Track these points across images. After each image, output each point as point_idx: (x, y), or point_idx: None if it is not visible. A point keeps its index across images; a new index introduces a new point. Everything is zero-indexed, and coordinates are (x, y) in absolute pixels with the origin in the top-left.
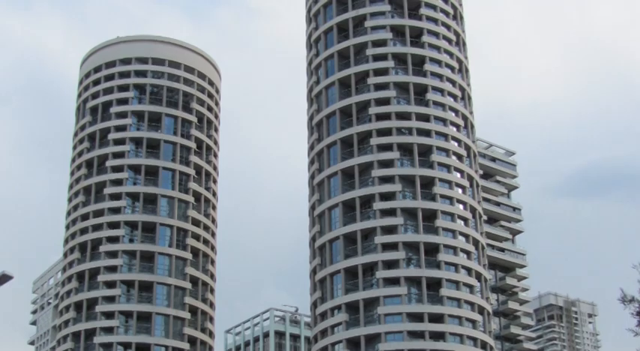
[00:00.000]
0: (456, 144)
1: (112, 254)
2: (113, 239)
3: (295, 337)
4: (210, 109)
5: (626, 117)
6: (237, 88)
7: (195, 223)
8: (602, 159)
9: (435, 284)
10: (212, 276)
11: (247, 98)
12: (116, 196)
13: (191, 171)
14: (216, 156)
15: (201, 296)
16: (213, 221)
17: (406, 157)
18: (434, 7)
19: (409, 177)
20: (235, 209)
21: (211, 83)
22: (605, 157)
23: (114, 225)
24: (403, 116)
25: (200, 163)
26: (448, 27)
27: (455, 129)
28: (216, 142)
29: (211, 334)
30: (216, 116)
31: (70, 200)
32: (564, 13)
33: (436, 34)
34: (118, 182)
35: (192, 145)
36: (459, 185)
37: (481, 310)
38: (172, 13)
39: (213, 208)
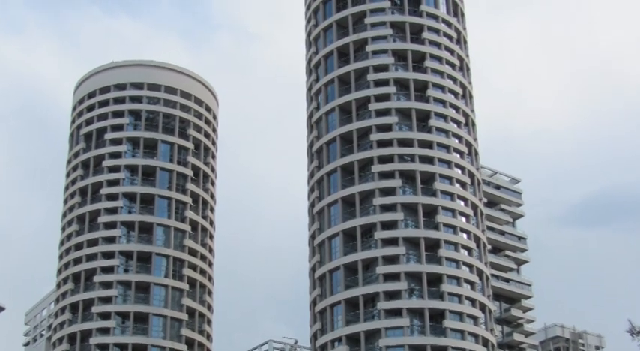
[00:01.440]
0: (459, 171)
1: (107, 285)
2: (108, 269)
3: None
4: (207, 135)
5: (634, 145)
6: (235, 114)
7: (192, 252)
8: (609, 187)
9: (438, 315)
10: (209, 307)
11: (245, 124)
12: (111, 225)
13: (188, 199)
14: (213, 184)
15: (198, 328)
16: (211, 251)
17: (408, 184)
18: (437, 31)
19: (411, 205)
20: (233, 238)
21: (208, 109)
22: (612, 185)
23: (108, 255)
24: (405, 143)
25: (197, 191)
26: (452, 51)
27: (458, 156)
28: (213, 170)
29: None
30: (214, 143)
31: (63, 229)
32: (571, 39)
33: (439, 59)
34: (112, 211)
35: (189, 172)
36: (462, 214)
37: (485, 342)
38: (169, 38)
39: (211, 237)
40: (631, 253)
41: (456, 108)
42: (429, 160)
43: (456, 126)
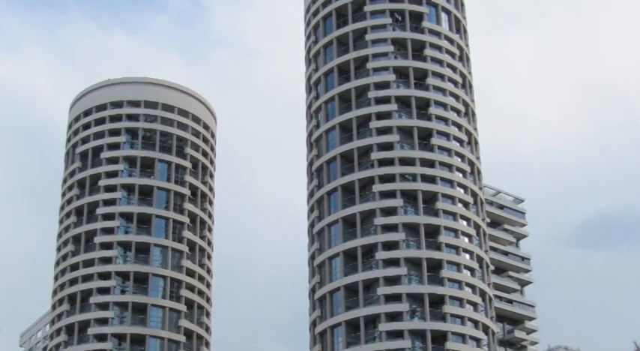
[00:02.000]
0: (462, 191)
1: (103, 306)
2: (104, 290)
3: None
4: (205, 154)
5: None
6: (233, 133)
7: (190, 273)
8: (614, 207)
9: (440, 338)
10: (207, 329)
11: (244, 143)
12: (107, 246)
13: (185, 219)
14: (211, 203)
15: (196, 350)
16: (209, 271)
17: (410, 204)
18: (439, 48)
19: (413, 225)
20: (231, 259)
21: (206, 127)
22: (617, 205)
23: (105, 275)
24: (407, 162)
25: (194, 211)
26: (454, 68)
27: (461, 175)
28: (211, 189)
29: None
30: (212, 162)
31: (58, 249)
32: (576, 57)
33: (441, 76)
34: (109, 231)
35: (187, 191)
36: (465, 234)
37: None
38: (166, 54)
39: (209, 257)
40: (637, 274)
41: (459, 126)
42: (431, 179)
43: (458, 144)
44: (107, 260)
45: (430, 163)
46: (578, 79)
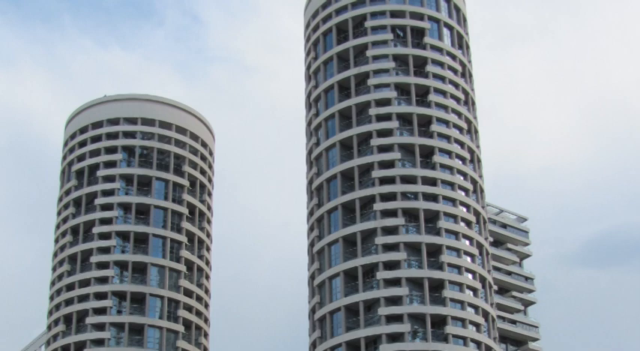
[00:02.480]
0: (464, 209)
1: (99, 327)
2: (100, 311)
3: None
4: (203, 172)
5: None
6: (231, 150)
7: (188, 293)
8: (620, 225)
9: None
10: (205, 350)
11: (242, 161)
12: (103, 265)
13: (183, 238)
14: (209, 222)
15: None
16: (207, 292)
17: (412, 223)
18: (441, 64)
19: (415, 245)
20: (230, 279)
21: (204, 145)
22: (623, 223)
23: (101, 295)
24: (408, 180)
25: (192, 230)
26: (456, 85)
27: (463, 194)
28: (209, 208)
29: None
30: (210, 180)
31: (54, 269)
32: (580, 73)
33: (443, 93)
34: (105, 250)
35: (185, 210)
36: (467, 253)
37: None
38: (163, 71)
39: (207, 277)
40: None
41: (461, 144)
42: (432, 197)
43: (460, 162)
44: (103, 280)
45: (432, 182)
46: (582, 95)
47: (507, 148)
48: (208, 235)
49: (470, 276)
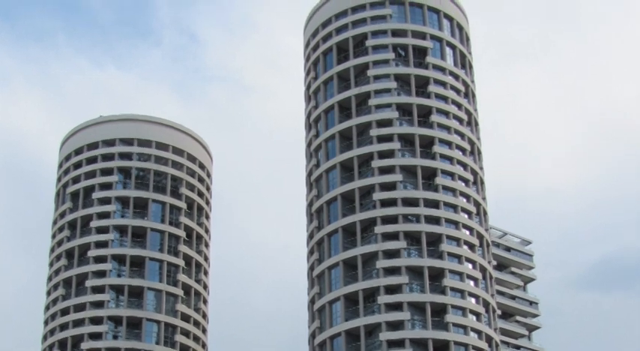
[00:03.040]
0: (467, 232)
1: None
2: (95, 336)
3: None
4: (200, 194)
5: None
6: (229, 172)
7: (185, 318)
8: (626, 248)
9: None
10: None
11: (241, 182)
12: (99, 289)
13: (180, 262)
14: (207, 245)
15: None
16: (204, 316)
17: (414, 246)
18: (443, 84)
19: (417, 268)
20: (228, 303)
21: (202, 166)
22: (629, 245)
23: (96, 320)
24: (410, 202)
25: (190, 254)
26: (459, 106)
27: (466, 216)
28: (207, 231)
29: None
30: (208, 202)
31: (48, 293)
32: (584, 91)
33: (446, 114)
34: (100, 274)
35: (182, 233)
36: (470, 277)
37: None
38: (160, 91)
39: (204, 301)
40: None
41: (464, 165)
42: (435, 220)
43: (463, 184)
44: (99, 304)
45: (434, 204)
46: (586, 113)
47: (510, 169)
48: (206, 259)
49: (473, 300)
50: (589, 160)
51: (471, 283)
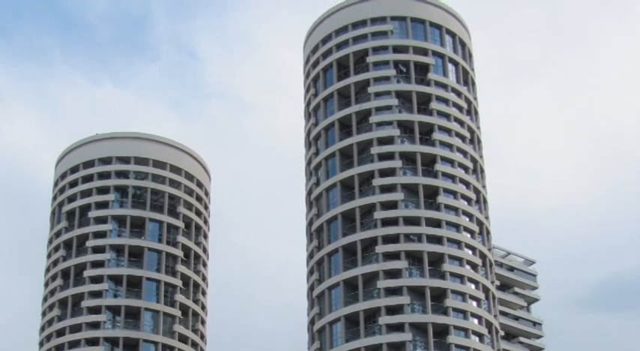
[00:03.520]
0: (470, 252)
1: None
2: None
3: None
4: (198, 213)
5: None
6: (228, 190)
7: (183, 339)
8: (630, 268)
9: None
10: None
11: (239, 201)
12: (95, 310)
13: (178, 282)
14: (205, 265)
15: None
16: (202, 337)
17: (415, 266)
18: (446, 102)
19: (418, 288)
20: (226, 323)
21: (200, 185)
22: (634, 266)
23: (93, 341)
24: (412, 221)
25: (188, 273)
26: (461, 123)
27: (469, 235)
28: (205, 250)
29: None
30: (206, 221)
31: (44, 314)
32: (589, 111)
33: (448, 131)
34: (97, 294)
35: (179, 253)
36: (473, 297)
37: None
38: (157, 108)
39: (202, 322)
40: None
41: (467, 184)
42: (437, 239)
43: (466, 203)
44: (95, 325)
45: (436, 223)
46: (591, 133)
47: (513, 188)
48: (204, 279)
49: (476, 321)
50: (593, 179)
51: (474, 303)
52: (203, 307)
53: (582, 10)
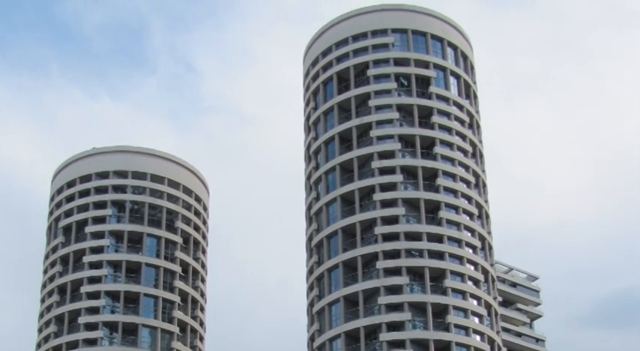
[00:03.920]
0: (472, 268)
1: None
2: None
3: None
4: (197, 228)
5: None
6: (226, 205)
7: None
8: (634, 285)
9: None
10: None
11: (238, 216)
12: (92, 326)
13: (176, 298)
14: (203, 281)
15: None
16: None
17: (416, 282)
18: (447, 115)
19: (420, 305)
20: (225, 340)
21: (198, 199)
22: (638, 283)
23: None
24: (413, 237)
25: (186, 289)
26: (463, 137)
27: (471, 251)
28: (203, 266)
29: None
30: (204, 236)
31: (40, 330)
32: (593, 125)
33: (450, 145)
34: (94, 310)
35: (177, 268)
36: (475, 314)
37: None
38: (155, 122)
39: (201, 339)
40: None
41: (469, 198)
42: (438, 255)
43: (468, 218)
44: (92, 342)
45: (438, 238)
46: (594, 146)
47: (517, 203)
48: (202, 295)
49: (478, 338)
50: (596, 194)
51: (476, 319)
52: (202, 324)
53: (584, 23)
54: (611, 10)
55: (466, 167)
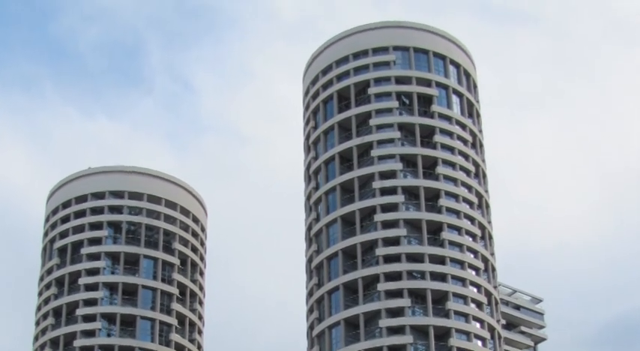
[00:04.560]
0: (475, 290)
1: None
2: None
3: None
4: (194, 249)
5: None
6: (225, 226)
7: None
8: (639, 308)
9: None
10: None
11: (237, 237)
12: (88, 350)
13: (173, 320)
14: (201, 303)
15: None
16: None
17: (418, 304)
18: (450, 134)
19: (422, 327)
20: None
21: (196, 220)
22: None
23: None
24: (415, 258)
25: (183, 312)
26: (466, 156)
27: (474, 273)
28: (201, 288)
29: None
30: (202, 258)
31: None
32: (598, 144)
33: (452, 165)
34: (89, 333)
35: (175, 290)
36: (478, 337)
37: None
38: (152, 141)
39: None
40: None
41: (471, 219)
42: (441, 277)
43: (470, 239)
44: None
45: (440, 260)
46: (599, 166)
47: (519, 223)
48: (200, 318)
49: None
50: (601, 215)
51: (479, 343)
52: (199, 347)
53: (588, 40)
54: (615, 26)
55: (469, 187)
